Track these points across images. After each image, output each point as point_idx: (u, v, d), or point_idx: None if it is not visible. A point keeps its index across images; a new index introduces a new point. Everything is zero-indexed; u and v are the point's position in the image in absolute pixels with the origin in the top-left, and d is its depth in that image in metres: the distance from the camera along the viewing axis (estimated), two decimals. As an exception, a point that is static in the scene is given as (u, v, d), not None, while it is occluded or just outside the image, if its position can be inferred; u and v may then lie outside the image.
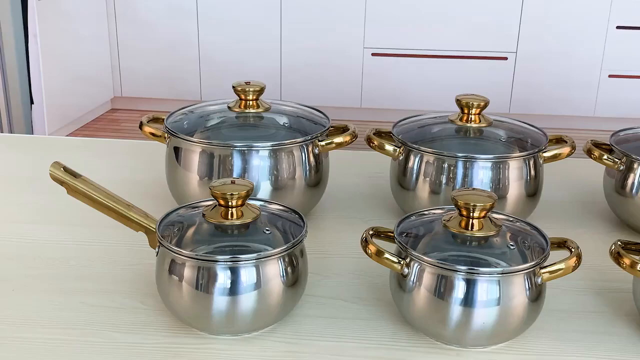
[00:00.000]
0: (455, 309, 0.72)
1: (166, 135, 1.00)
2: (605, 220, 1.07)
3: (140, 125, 1.04)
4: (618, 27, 3.22)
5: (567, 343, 0.77)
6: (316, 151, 1.00)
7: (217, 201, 0.77)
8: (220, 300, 0.72)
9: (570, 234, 0.89)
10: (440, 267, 0.72)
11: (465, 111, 1.03)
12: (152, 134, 1.02)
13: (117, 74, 3.56)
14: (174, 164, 1.00)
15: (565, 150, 1.01)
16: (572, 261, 0.74)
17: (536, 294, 0.74)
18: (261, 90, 1.02)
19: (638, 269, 0.73)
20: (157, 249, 0.77)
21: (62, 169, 0.80)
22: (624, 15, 3.20)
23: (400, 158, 1.01)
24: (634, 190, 0.99)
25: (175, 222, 0.79)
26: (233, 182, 0.78)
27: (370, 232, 0.79)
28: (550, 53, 3.29)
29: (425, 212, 0.83)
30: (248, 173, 0.95)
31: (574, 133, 3.18)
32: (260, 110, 1.02)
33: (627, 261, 0.74)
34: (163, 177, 1.05)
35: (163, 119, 1.03)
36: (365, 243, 0.77)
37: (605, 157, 1.01)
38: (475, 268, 0.72)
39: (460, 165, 0.96)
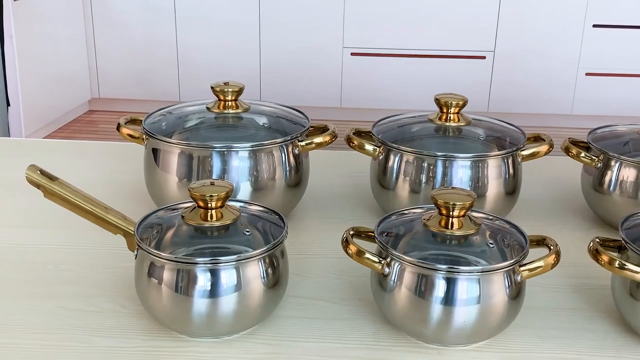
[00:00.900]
0: (436, 308, 0.72)
1: (144, 136, 0.99)
2: (583, 218, 1.08)
3: (118, 127, 1.03)
4: (594, 26, 3.26)
5: (547, 340, 0.78)
6: (296, 151, 0.99)
7: (197, 203, 0.76)
8: (200, 303, 0.72)
9: (549, 232, 0.89)
10: (420, 267, 0.72)
11: (444, 110, 1.03)
12: (130, 135, 1.01)
13: (95, 75, 3.53)
14: (152, 165, 0.99)
15: (543, 148, 1.02)
16: (551, 259, 0.75)
17: (516, 292, 0.74)
18: (240, 91, 1.02)
19: (616, 265, 0.74)
20: (136, 252, 0.77)
21: (38, 171, 0.79)
22: (600, 13, 3.24)
23: (380, 157, 1.01)
24: (611, 188, 1.00)
25: (154, 225, 0.78)
26: (212, 184, 0.78)
27: (351, 232, 0.79)
28: (528, 52, 3.32)
29: (406, 212, 0.83)
30: (228, 174, 0.94)
31: (552, 131, 3.21)
32: (239, 110, 1.02)
33: (605, 258, 0.75)
34: (142, 179, 1.04)
35: (141, 120, 1.02)
36: (345, 243, 0.77)
37: (582, 154, 1.02)
38: (455, 267, 0.72)
39: (439, 164, 0.96)
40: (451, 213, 0.76)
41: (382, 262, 0.75)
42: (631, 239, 0.76)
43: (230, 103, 1.01)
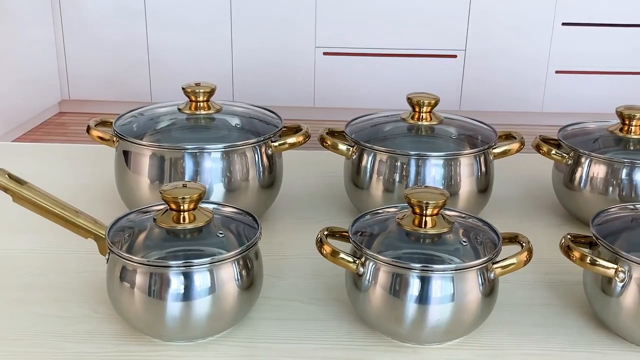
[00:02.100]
0: (411, 307, 0.73)
1: (115, 138, 0.98)
2: (554, 214, 1.09)
3: (88, 129, 1.02)
4: (564, 24, 3.30)
5: (521, 336, 0.79)
6: (269, 152, 0.99)
7: (169, 205, 0.75)
8: (173, 307, 0.71)
9: (521, 229, 0.90)
10: (394, 266, 0.73)
11: (417, 109, 1.04)
12: (101, 137, 1.00)
13: (65, 76, 3.48)
14: (123, 168, 0.98)
15: (515, 146, 1.03)
16: (524, 256, 0.76)
17: (489, 289, 0.75)
18: (212, 92, 1.01)
19: (587, 261, 0.75)
20: (107, 256, 0.76)
21: (6, 175, 0.77)
22: (569, 12, 3.28)
23: (354, 157, 1.01)
24: (582, 184, 1.01)
25: (125, 228, 0.77)
26: (184, 186, 0.77)
27: (325, 233, 0.79)
28: (499, 50, 3.35)
29: (380, 211, 0.83)
30: (200, 176, 0.93)
31: (523, 129, 3.24)
32: (211, 111, 1.01)
33: (576, 254, 0.76)
34: (113, 182, 1.03)
35: (111, 122, 1.01)
36: (320, 243, 0.77)
37: (553, 152, 1.03)
38: (429, 265, 0.72)
39: (412, 163, 0.97)
40: (424, 212, 0.76)
41: (357, 261, 0.75)
42: (602, 235, 0.77)
43: (202, 104, 1.01)
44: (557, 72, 3.37)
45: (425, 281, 0.72)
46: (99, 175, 1.16)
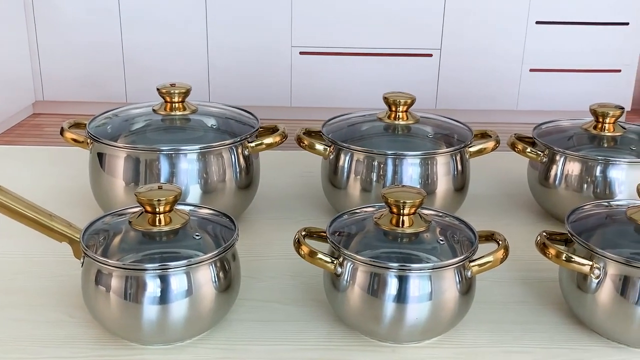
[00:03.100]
0: (389, 306, 0.73)
1: (89, 140, 0.97)
2: (530, 212, 1.10)
3: (62, 132, 1.00)
4: (537, 23, 3.33)
5: (498, 334, 0.79)
6: (246, 153, 0.98)
7: (144, 208, 0.75)
8: (150, 310, 0.70)
9: (498, 226, 0.91)
10: (372, 265, 0.73)
11: (393, 109, 1.04)
12: (74, 139, 0.99)
13: (39, 77, 3.44)
14: (98, 170, 0.97)
15: (490, 144, 1.03)
16: (500, 253, 0.76)
17: (466, 287, 0.75)
18: (187, 92, 1.00)
19: (563, 258, 0.76)
20: (82, 260, 0.75)
21: (-23, 179, 0.76)
22: (542, 10, 3.31)
23: (331, 157, 1.01)
24: (557, 182, 1.02)
25: (100, 231, 0.76)
26: (160, 188, 0.76)
27: (303, 233, 0.79)
28: (474, 49, 3.37)
29: (357, 211, 0.84)
30: (176, 177, 0.93)
31: (498, 127, 3.27)
32: (186, 112, 1.00)
33: (552, 251, 0.76)
34: (88, 184, 1.01)
35: (85, 124, 0.99)
36: (297, 244, 0.77)
37: (528, 150, 1.04)
38: (407, 264, 0.73)
39: (389, 162, 0.97)
40: (401, 211, 0.77)
41: (335, 262, 0.75)
42: (577, 232, 0.78)
43: (177, 105, 1.00)
44: (531, 70, 3.40)
45: (403, 280, 0.72)
46: (74, 177, 1.15)
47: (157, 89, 1.00)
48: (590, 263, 0.74)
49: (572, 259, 0.75)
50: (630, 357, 0.75)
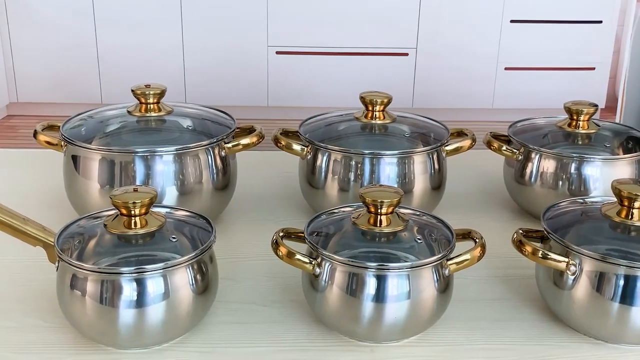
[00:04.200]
0: (367, 305, 0.73)
1: (63, 143, 0.96)
2: (506, 209, 1.11)
3: (35, 134, 0.99)
4: (512, 21, 3.35)
5: (476, 331, 0.79)
6: (222, 154, 0.98)
7: (119, 210, 0.74)
8: (127, 314, 0.70)
9: (475, 224, 0.91)
10: (350, 265, 0.72)
11: (370, 108, 1.04)
12: (48, 142, 0.98)
13: (12, 78, 3.39)
14: (72, 172, 0.95)
15: (467, 143, 1.04)
16: (477, 251, 0.76)
17: (444, 286, 0.75)
18: (162, 93, 0.99)
19: (539, 255, 0.76)
20: (57, 264, 0.74)
21: (-52, 184, 0.75)
22: (516, 9, 3.34)
23: (308, 157, 1.01)
24: (532, 179, 1.03)
25: (75, 234, 0.75)
26: (136, 190, 0.75)
27: (281, 234, 0.78)
28: (449, 48, 3.39)
29: (335, 211, 0.83)
30: (152, 179, 0.92)
31: (474, 125, 3.28)
32: (162, 113, 0.99)
33: (528, 249, 0.77)
34: (62, 187, 1.00)
35: (59, 126, 0.98)
36: (275, 245, 0.77)
37: (504, 148, 1.05)
38: (385, 264, 0.73)
39: (367, 162, 0.97)
40: (379, 211, 0.77)
41: (313, 262, 0.74)
42: (553, 229, 0.79)
43: (152, 106, 0.99)
44: (506, 68, 3.43)
45: (381, 280, 0.72)
46: (48, 180, 1.13)
47: (132, 90, 0.99)
48: (566, 260, 0.75)
49: (549, 256, 0.76)
50: (607, 353, 0.76)
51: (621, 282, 0.73)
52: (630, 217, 0.78)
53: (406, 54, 3.39)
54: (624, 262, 0.72)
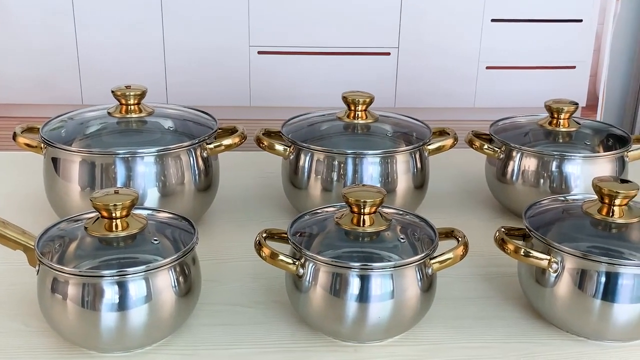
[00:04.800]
0: (351, 305, 0.73)
1: (42, 145, 0.95)
2: (489, 208, 1.11)
3: (14, 136, 0.98)
4: (493, 20, 3.37)
5: (460, 330, 0.80)
6: (204, 154, 0.97)
7: (100, 213, 0.73)
8: (108, 317, 0.69)
9: (457, 223, 0.91)
10: (333, 265, 0.72)
11: (352, 108, 1.04)
12: (28, 144, 0.97)
13: (-10, 80, 3.35)
14: (52, 175, 0.94)
15: (449, 142, 1.04)
16: (460, 250, 0.77)
17: (428, 285, 0.76)
18: (142, 94, 0.99)
19: (521, 253, 0.76)
20: (37, 267, 0.73)
21: None
22: (497, 8, 3.35)
23: (291, 157, 1.01)
24: (514, 177, 1.03)
25: (56, 238, 0.74)
26: (116, 192, 0.75)
27: (264, 235, 0.78)
28: (431, 47, 3.40)
29: (318, 211, 0.83)
30: (133, 181, 0.91)
31: (456, 124, 3.29)
32: (142, 114, 0.99)
33: (511, 247, 0.77)
34: (42, 190, 0.99)
35: (39, 128, 0.97)
36: (258, 246, 0.76)
37: (485, 146, 1.05)
38: (368, 264, 0.73)
39: (349, 161, 0.97)
40: (362, 210, 0.77)
41: (296, 263, 0.74)
42: (534, 227, 0.79)
43: (132, 107, 0.98)
44: (487, 68, 3.44)
45: (364, 279, 0.72)
46: (28, 183, 1.12)
47: (112, 92, 0.98)
48: (548, 257, 0.76)
49: (530, 254, 0.76)
50: (589, 349, 0.77)
51: (602, 279, 0.73)
52: (611, 214, 0.78)
53: (388, 54, 3.40)
54: (605, 259, 0.73)
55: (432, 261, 0.75)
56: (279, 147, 1.01)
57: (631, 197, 0.79)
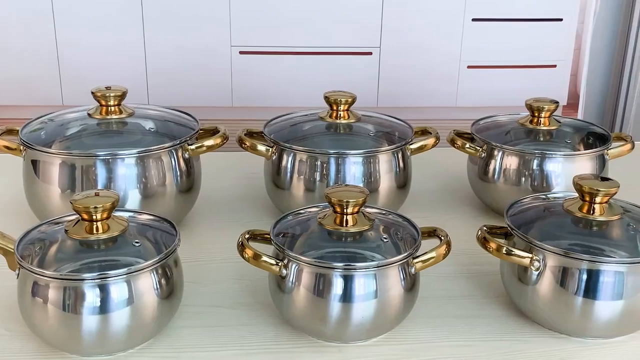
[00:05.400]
0: (335, 306, 0.73)
1: (22, 147, 0.94)
2: (471, 206, 1.12)
3: (-8, 139, 0.97)
4: (474, 20, 3.39)
5: (443, 328, 0.80)
6: (186, 155, 0.97)
7: (80, 215, 0.72)
8: (90, 321, 0.68)
9: (439, 222, 0.92)
10: (316, 266, 0.72)
11: (334, 108, 1.04)
12: (7, 147, 0.96)
13: (-31, 81, 3.31)
14: (32, 177, 0.93)
15: (431, 141, 1.04)
16: (442, 249, 0.77)
17: (411, 284, 0.76)
18: (123, 95, 0.98)
19: (503, 252, 0.77)
20: (17, 271, 0.72)
21: None
22: (478, 8, 3.37)
23: (274, 158, 1.00)
24: (495, 176, 1.04)
25: (36, 241, 0.73)
26: (97, 194, 0.74)
27: (247, 236, 0.78)
28: (412, 47, 3.41)
29: (301, 211, 0.83)
30: (114, 183, 0.90)
31: (438, 124, 3.31)
32: (123, 115, 0.98)
33: (493, 245, 0.78)
34: (22, 192, 0.98)
35: (18, 130, 0.96)
36: (241, 247, 0.76)
37: (467, 145, 1.06)
38: (351, 264, 0.73)
39: (332, 161, 0.97)
40: (345, 210, 0.77)
41: (279, 264, 0.74)
42: (516, 225, 0.79)
43: (113, 108, 0.97)
44: (469, 67, 3.46)
45: (347, 280, 0.72)
46: (7, 186, 1.11)
47: (92, 93, 0.97)
48: (530, 255, 0.76)
49: (512, 252, 0.77)
50: (571, 346, 0.77)
51: (584, 277, 0.74)
52: (591, 212, 0.79)
53: (370, 53, 3.40)
54: (586, 257, 0.73)
55: (415, 260, 0.75)
56: (262, 148, 1.01)
57: (611, 195, 0.79)
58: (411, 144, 1.02)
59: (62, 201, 0.91)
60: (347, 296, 0.72)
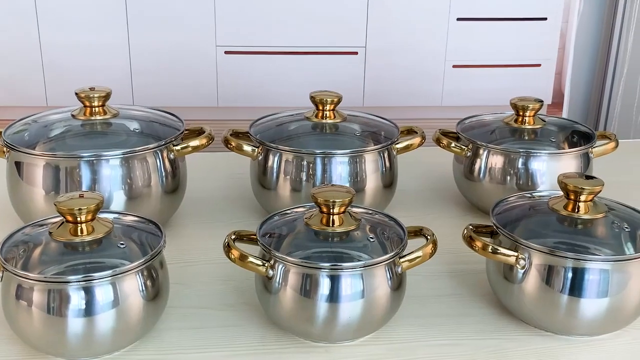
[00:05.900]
0: (321, 306, 0.72)
1: (5, 149, 0.93)
2: (457, 205, 1.12)
3: (-25, 140, 0.96)
4: (458, 19, 3.40)
5: (430, 327, 0.80)
6: (171, 156, 0.96)
7: (64, 217, 0.72)
8: (75, 323, 0.68)
9: (426, 221, 0.92)
10: (303, 266, 0.72)
11: (320, 107, 1.04)
12: (-11, 148, 0.95)
13: (-50, 83, 3.28)
14: (16, 179, 0.93)
15: (416, 140, 1.05)
16: (429, 248, 0.77)
17: (397, 283, 0.76)
18: (107, 96, 0.97)
19: (489, 250, 0.77)
20: (1, 274, 0.71)
21: None
22: (462, 7, 3.38)
23: (260, 158, 1.00)
24: (481, 175, 1.04)
25: (20, 243, 0.73)
26: (81, 196, 0.73)
27: (233, 237, 0.78)
28: (398, 46, 3.41)
29: (288, 212, 0.83)
30: (98, 184, 0.90)
31: (424, 123, 3.31)
32: (107, 116, 0.97)
33: (479, 244, 0.78)
34: (6, 194, 0.97)
35: (1, 132, 0.95)
36: (227, 248, 0.76)
37: (453, 144, 1.06)
38: (337, 264, 0.73)
39: (318, 161, 0.97)
40: (331, 210, 0.76)
41: (266, 264, 0.74)
42: (502, 223, 0.80)
43: (97, 109, 0.97)
44: (454, 66, 3.47)
45: (334, 280, 0.72)
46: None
47: (76, 93, 0.96)
48: (516, 254, 0.76)
49: (498, 251, 0.77)
50: (557, 344, 0.78)
51: (569, 275, 0.74)
52: (576, 210, 0.79)
53: (355, 53, 3.41)
54: (571, 255, 0.74)
55: (402, 260, 0.75)
56: (247, 148, 1.00)
57: (596, 193, 0.80)
58: (397, 144, 1.03)
59: (47, 203, 0.90)
60: (333, 296, 0.72)
